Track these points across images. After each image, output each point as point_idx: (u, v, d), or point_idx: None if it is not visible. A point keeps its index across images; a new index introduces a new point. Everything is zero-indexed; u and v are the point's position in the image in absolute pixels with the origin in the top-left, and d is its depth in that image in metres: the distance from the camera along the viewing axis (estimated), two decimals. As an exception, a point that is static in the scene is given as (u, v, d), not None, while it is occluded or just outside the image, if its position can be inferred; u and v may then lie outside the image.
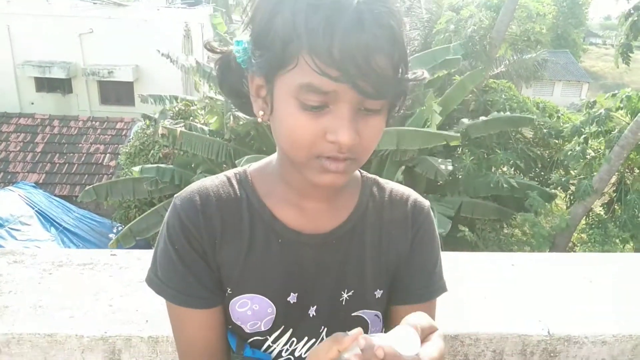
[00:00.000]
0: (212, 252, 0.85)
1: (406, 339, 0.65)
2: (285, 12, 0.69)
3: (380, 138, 0.78)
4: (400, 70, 0.72)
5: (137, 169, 8.46)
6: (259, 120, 0.80)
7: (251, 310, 0.87)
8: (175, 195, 0.89)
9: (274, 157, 0.91)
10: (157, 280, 0.87)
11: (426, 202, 0.97)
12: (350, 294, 0.90)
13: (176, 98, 10.41)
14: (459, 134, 7.78)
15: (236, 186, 0.89)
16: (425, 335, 0.67)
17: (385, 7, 0.69)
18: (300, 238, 0.87)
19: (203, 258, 0.85)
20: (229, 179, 0.90)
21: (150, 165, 8.83)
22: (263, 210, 0.87)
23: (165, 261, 0.86)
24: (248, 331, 0.88)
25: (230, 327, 0.90)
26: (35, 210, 9.04)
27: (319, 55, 0.66)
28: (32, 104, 15.07)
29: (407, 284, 0.94)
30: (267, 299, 0.87)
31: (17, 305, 1.38)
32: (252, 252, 0.86)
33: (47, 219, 9.05)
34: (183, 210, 0.85)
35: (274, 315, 0.87)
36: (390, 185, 0.97)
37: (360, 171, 0.95)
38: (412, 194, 0.97)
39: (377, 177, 0.98)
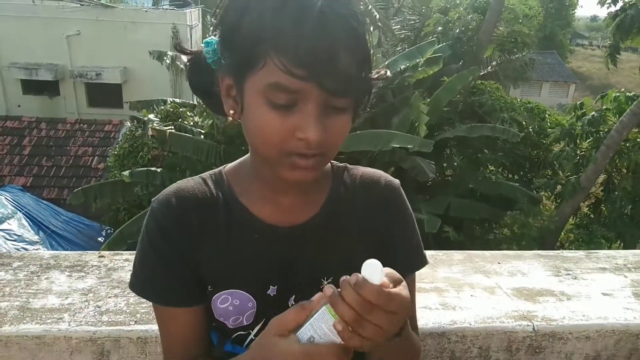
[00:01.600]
0: (191, 251, 0.87)
1: (371, 266, 0.69)
2: (252, 14, 0.71)
3: (346, 134, 0.80)
4: (363, 69, 0.75)
5: (126, 173, 8.41)
6: (230, 119, 0.83)
7: (232, 305, 0.88)
8: (152, 199, 0.91)
9: (247, 156, 0.93)
10: (139, 284, 0.89)
11: (396, 181, 1.00)
12: (330, 280, 0.92)
13: (165, 102, 10.36)
14: (432, 141, 7.80)
15: (212, 186, 0.91)
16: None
17: (347, 8, 0.72)
18: (277, 232, 0.89)
19: (182, 258, 0.87)
20: (204, 179, 0.93)
21: (140, 169, 8.79)
22: (239, 207, 0.89)
23: (146, 263, 0.88)
24: (231, 327, 0.90)
25: (214, 324, 0.92)
26: (23, 213, 8.95)
27: (286, 54, 0.68)
28: (19, 106, 14.93)
29: (386, 261, 0.96)
30: (247, 294, 0.88)
31: (5, 308, 1.38)
32: (230, 248, 0.88)
33: (35, 222, 8.96)
34: (160, 213, 0.87)
35: (255, 309, 0.89)
36: (360, 170, 0.99)
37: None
38: (382, 175, 0.99)
39: (347, 164, 1.00)
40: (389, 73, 0.85)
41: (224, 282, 0.88)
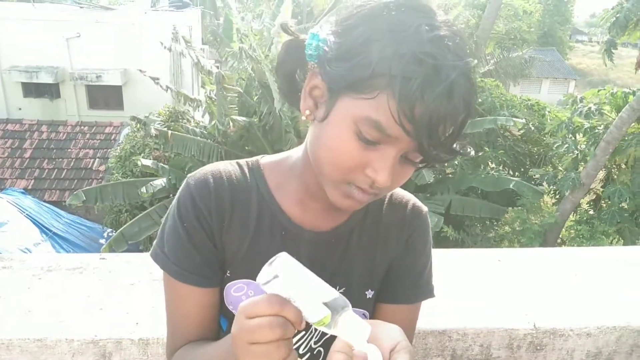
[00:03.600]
0: (219, 234, 0.88)
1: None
2: (386, 47, 0.69)
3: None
4: (456, 141, 0.75)
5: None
6: (303, 118, 0.81)
7: (246, 295, 0.89)
8: (188, 175, 0.91)
9: (293, 153, 0.94)
10: (163, 256, 0.89)
11: (424, 208, 1.01)
12: (341, 291, 0.93)
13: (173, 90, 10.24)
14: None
15: (248, 174, 0.92)
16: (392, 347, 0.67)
17: (470, 83, 0.71)
18: (303, 234, 0.90)
19: (210, 238, 0.88)
20: (241, 166, 0.93)
21: (151, 160, 8.87)
22: (271, 201, 0.90)
23: (172, 238, 0.88)
24: None
25: (222, 312, 0.92)
26: (25, 216, 8.98)
27: (402, 105, 0.67)
28: (20, 109, 14.92)
29: (395, 285, 0.98)
30: None
31: (6, 311, 1.38)
32: (256, 239, 0.89)
33: (36, 225, 8.98)
34: (196, 190, 0.88)
35: None
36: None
37: None
38: (412, 199, 1.00)
39: None
40: (472, 153, 0.85)
41: (243, 271, 0.89)
